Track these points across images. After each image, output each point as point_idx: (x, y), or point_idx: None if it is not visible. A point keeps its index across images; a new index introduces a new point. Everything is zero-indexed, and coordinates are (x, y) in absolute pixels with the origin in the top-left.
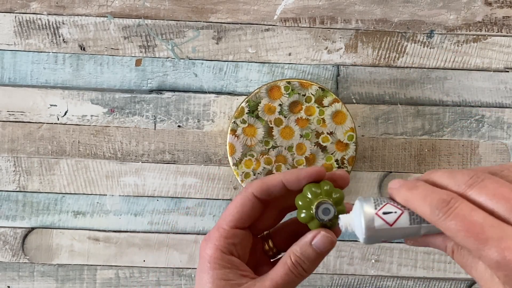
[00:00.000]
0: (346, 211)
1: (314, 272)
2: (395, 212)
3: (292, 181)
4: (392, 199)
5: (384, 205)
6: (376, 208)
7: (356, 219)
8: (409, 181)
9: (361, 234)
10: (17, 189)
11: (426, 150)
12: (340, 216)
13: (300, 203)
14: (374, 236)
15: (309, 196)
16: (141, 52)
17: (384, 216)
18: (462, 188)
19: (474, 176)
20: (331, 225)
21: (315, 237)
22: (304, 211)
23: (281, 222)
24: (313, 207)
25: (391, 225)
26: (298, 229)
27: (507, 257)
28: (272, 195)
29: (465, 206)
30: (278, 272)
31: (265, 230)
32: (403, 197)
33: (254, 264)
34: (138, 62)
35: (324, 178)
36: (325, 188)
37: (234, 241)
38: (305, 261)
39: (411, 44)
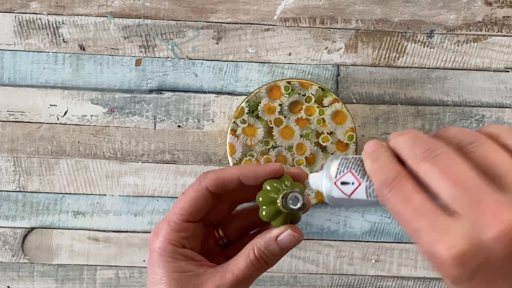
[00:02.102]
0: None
1: (314, 272)
2: (353, 184)
3: (249, 177)
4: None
5: (345, 174)
6: (336, 177)
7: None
8: (378, 147)
9: (325, 197)
10: (17, 189)
11: None
12: (310, 175)
13: (260, 199)
14: (336, 202)
15: (270, 190)
16: (141, 52)
17: (342, 187)
18: (415, 160)
19: (431, 148)
20: (295, 219)
21: (281, 234)
22: (264, 207)
23: (232, 212)
24: (279, 198)
25: (348, 196)
26: (249, 220)
27: (432, 250)
28: (226, 190)
29: (406, 187)
30: (239, 264)
31: (215, 221)
32: (366, 167)
33: (206, 253)
34: (138, 62)
35: (282, 173)
36: (285, 183)
37: (186, 235)
38: (269, 255)
39: (411, 44)
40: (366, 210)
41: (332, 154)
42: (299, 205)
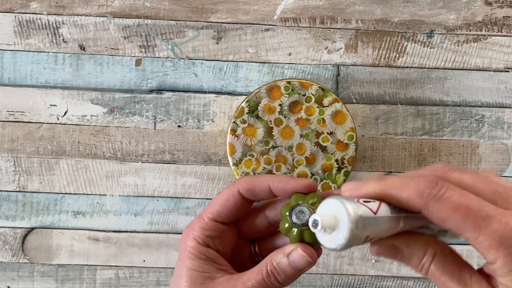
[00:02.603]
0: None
1: (314, 272)
2: (374, 202)
3: (278, 188)
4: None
5: (357, 200)
6: (351, 201)
7: (337, 212)
8: (369, 178)
9: (343, 231)
10: (17, 189)
11: (426, 150)
12: (316, 215)
13: (283, 212)
14: (357, 232)
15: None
16: (141, 52)
17: (367, 204)
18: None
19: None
20: (313, 241)
21: (292, 252)
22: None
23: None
24: (289, 211)
25: (375, 212)
26: (286, 240)
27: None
28: (257, 197)
29: (453, 187)
30: (252, 276)
31: (251, 235)
32: (375, 189)
33: (238, 264)
34: (138, 62)
35: (313, 191)
36: (310, 200)
37: (212, 234)
38: (280, 273)
39: (411, 44)
40: None
41: (332, 154)
42: (303, 220)
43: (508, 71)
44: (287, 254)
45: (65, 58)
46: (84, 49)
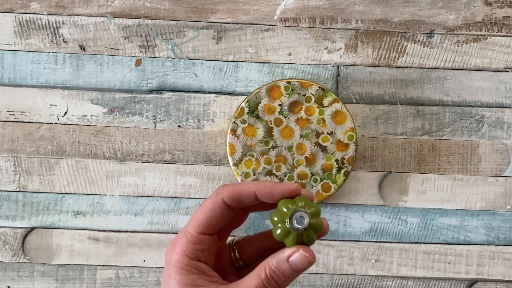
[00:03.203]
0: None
1: (314, 272)
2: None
3: (265, 194)
4: None
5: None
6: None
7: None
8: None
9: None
10: (17, 189)
11: (426, 150)
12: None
13: (275, 218)
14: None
15: (285, 211)
16: (141, 52)
17: None
18: None
19: None
20: (309, 241)
21: (293, 254)
22: (279, 225)
23: (250, 235)
24: (288, 217)
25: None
26: (267, 244)
27: None
28: (242, 204)
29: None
30: (250, 283)
31: (227, 231)
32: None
33: (220, 271)
34: (138, 62)
35: (298, 194)
36: (300, 204)
37: (202, 247)
38: (280, 276)
39: (411, 44)
40: (366, 210)
41: (332, 154)
42: (303, 225)
43: (508, 71)
44: (287, 257)
45: (65, 58)
46: (84, 49)
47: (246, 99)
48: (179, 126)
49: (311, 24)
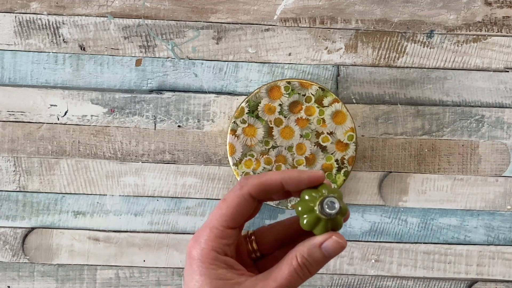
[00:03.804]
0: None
1: None
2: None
3: (292, 184)
4: None
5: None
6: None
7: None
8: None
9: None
10: (17, 189)
11: (426, 150)
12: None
13: (300, 209)
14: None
15: (309, 200)
16: (141, 52)
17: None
18: None
19: None
20: (337, 226)
21: (325, 241)
22: (305, 216)
23: (265, 225)
24: (317, 205)
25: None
26: (284, 233)
27: None
28: (268, 196)
29: None
30: (282, 272)
31: (244, 221)
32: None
33: (240, 263)
34: (138, 62)
35: (322, 182)
36: (323, 191)
37: (228, 242)
38: (312, 263)
39: (411, 44)
40: (366, 210)
41: (332, 154)
42: (335, 209)
43: (508, 71)
44: (319, 244)
45: (65, 58)
46: (84, 49)
47: (246, 99)
48: (179, 126)
49: (311, 24)
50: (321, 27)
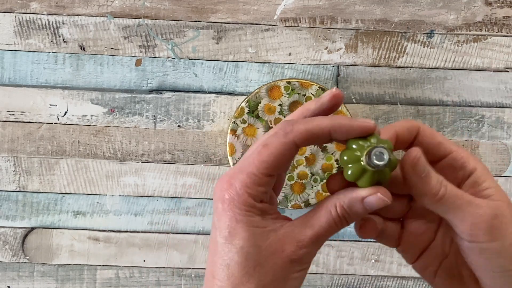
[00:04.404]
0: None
1: (314, 272)
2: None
3: (341, 132)
4: None
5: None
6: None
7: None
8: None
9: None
10: (17, 189)
11: None
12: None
13: (345, 158)
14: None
15: (356, 149)
16: (141, 52)
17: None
18: None
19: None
20: (384, 179)
21: (369, 196)
22: (350, 166)
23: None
24: (364, 155)
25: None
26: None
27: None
28: (313, 144)
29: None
30: (320, 220)
31: (284, 169)
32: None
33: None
34: (138, 62)
35: (373, 132)
36: (372, 140)
37: (266, 189)
38: (352, 215)
39: (411, 44)
40: None
41: (332, 154)
42: (384, 161)
43: (508, 71)
44: (362, 198)
45: (65, 58)
46: (84, 49)
47: (246, 99)
48: (179, 126)
49: (311, 24)
50: (321, 27)
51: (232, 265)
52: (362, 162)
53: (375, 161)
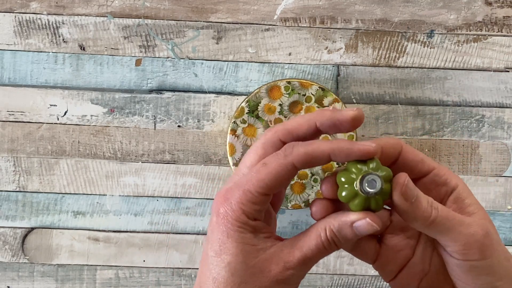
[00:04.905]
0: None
1: (314, 272)
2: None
3: (341, 156)
4: None
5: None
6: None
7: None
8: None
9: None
10: (17, 189)
11: (426, 150)
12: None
13: (342, 179)
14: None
15: (354, 172)
16: (141, 52)
17: None
18: None
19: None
20: (376, 207)
21: (358, 221)
22: (346, 186)
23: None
24: (357, 179)
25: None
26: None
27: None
28: (312, 166)
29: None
30: (309, 243)
31: (281, 190)
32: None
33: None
34: (138, 62)
35: (373, 157)
36: (371, 166)
37: (261, 208)
38: (341, 239)
39: (411, 44)
40: None
41: None
42: (375, 189)
43: (508, 71)
44: (351, 223)
45: (65, 58)
46: (84, 49)
47: (246, 99)
48: (179, 126)
49: (311, 24)
50: (321, 27)
51: (219, 279)
52: (355, 187)
53: (367, 188)
